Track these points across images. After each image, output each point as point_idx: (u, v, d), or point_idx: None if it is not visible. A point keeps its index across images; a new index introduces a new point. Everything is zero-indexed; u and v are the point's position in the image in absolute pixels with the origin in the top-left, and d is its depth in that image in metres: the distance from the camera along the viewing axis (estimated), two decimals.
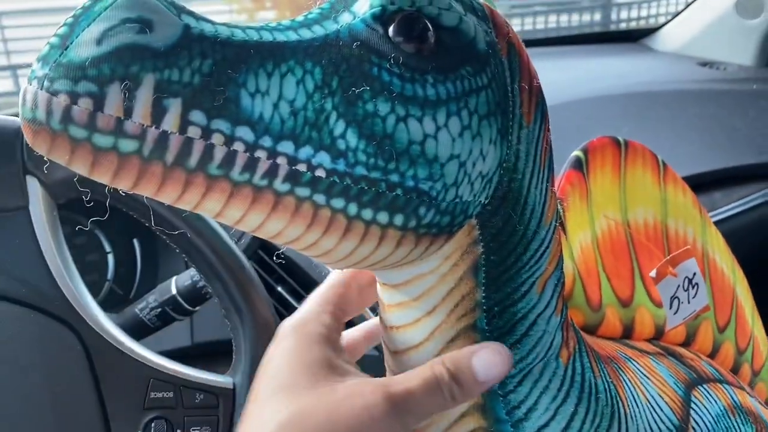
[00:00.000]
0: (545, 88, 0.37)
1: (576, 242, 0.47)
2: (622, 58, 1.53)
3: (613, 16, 2.30)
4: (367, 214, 0.29)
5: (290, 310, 0.80)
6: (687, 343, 0.54)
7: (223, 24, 0.27)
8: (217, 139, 0.25)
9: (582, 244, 0.48)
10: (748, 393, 0.54)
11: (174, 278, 0.63)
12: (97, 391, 0.51)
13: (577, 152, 0.49)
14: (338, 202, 0.28)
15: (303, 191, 0.27)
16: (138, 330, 0.62)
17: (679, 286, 0.48)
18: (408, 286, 0.34)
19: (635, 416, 0.40)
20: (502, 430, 0.35)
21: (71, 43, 0.24)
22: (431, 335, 0.34)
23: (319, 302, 0.37)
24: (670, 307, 0.48)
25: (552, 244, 0.36)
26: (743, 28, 1.45)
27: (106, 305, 0.71)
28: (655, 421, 0.41)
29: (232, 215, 0.27)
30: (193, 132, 0.25)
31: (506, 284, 0.34)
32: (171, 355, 0.56)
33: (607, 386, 0.39)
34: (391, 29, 0.29)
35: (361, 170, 0.28)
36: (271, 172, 0.27)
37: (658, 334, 0.51)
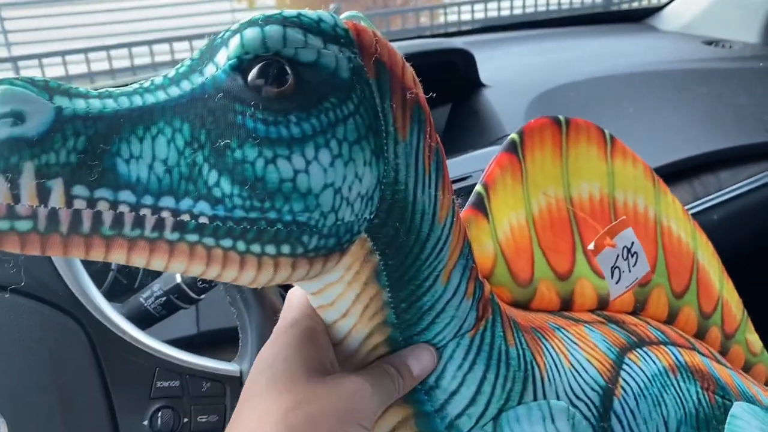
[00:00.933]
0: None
1: (505, 222, 0.49)
2: (626, 38, 1.52)
3: None
4: (256, 248, 0.31)
5: None
6: (637, 310, 0.56)
7: (97, 95, 0.30)
8: (102, 205, 0.28)
9: (513, 223, 0.49)
10: (702, 353, 0.55)
11: None
12: (103, 382, 0.51)
13: (512, 135, 0.50)
14: (227, 242, 0.31)
15: (192, 237, 0.30)
16: (143, 319, 0.62)
17: (618, 255, 0.50)
18: (322, 293, 0.37)
19: (554, 379, 0.43)
20: (418, 399, 0.39)
21: None
22: (349, 333, 0.38)
23: (307, 304, 0.40)
24: (612, 277, 0.50)
25: (450, 238, 0.39)
26: (748, 5, 1.44)
27: (112, 295, 0.70)
28: (578, 383, 0.44)
29: (138, 262, 0.30)
30: (79, 204, 0.28)
31: (409, 282, 0.37)
32: (177, 343, 0.56)
33: (521, 353, 0.42)
34: (250, 76, 0.31)
35: (239, 213, 0.30)
36: (159, 225, 0.30)
37: (603, 305, 0.53)
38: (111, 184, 0.29)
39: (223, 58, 0.32)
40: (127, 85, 0.32)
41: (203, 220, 0.30)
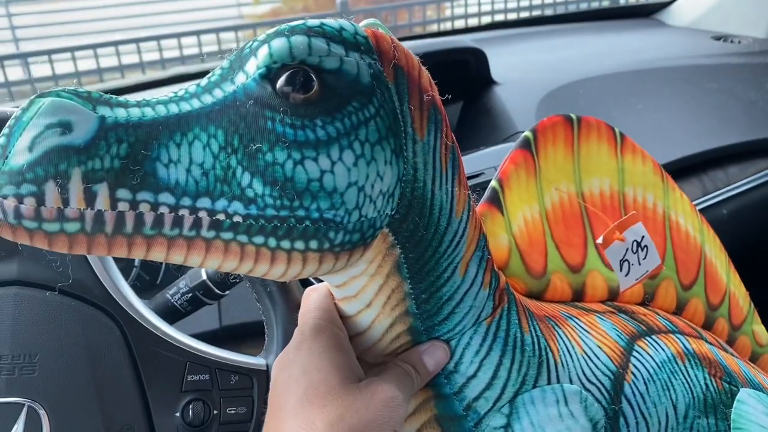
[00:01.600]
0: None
1: (519, 216, 0.51)
2: (635, 33, 1.53)
3: None
4: (286, 244, 0.33)
5: None
6: (646, 302, 0.58)
7: (136, 104, 0.32)
8: (144, 207, 0.30)
9: (527, 217, 0.51)
10: (709, 342, 0.57)
11: None
12: (137, 376, 0.53)
13: (526, 132, 0.52)
14: (258, 239, 0.33)
15: (227, 235, 0.32)
16: (170, 314, 0.64)
17: (627, 249, 0.51)
18: (346, 286, 0.40)
19: (567, 364, 0.45)
20: (437, 382, 0.42)
21: (10, 153, 0.29)
22: (373, 323, 0.41)
23: (328, 308, 0.41)
24: (621, 270, 0.52)
25: (467, 231, 0.41)
26: (757, 0, 1.44)
27: (136, 290, 0.72)
28: (590, 368, 0.46)
29: (176, 259, 0.32)
30: (123, 206, 0.30)
31: (429, 274, 0.40)
32: (201, 338, 0.58)
33: (536, 340, 0.44)
34: (278, 84, 0.33)
35: (271, 211, 0.32)
36: (197, 225, 0.32)
37: (613, 296, 0.55)
38: (152, 188, 0.31)
39: (253, 67, 0.34)
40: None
41: (237, 219, 0.32)
